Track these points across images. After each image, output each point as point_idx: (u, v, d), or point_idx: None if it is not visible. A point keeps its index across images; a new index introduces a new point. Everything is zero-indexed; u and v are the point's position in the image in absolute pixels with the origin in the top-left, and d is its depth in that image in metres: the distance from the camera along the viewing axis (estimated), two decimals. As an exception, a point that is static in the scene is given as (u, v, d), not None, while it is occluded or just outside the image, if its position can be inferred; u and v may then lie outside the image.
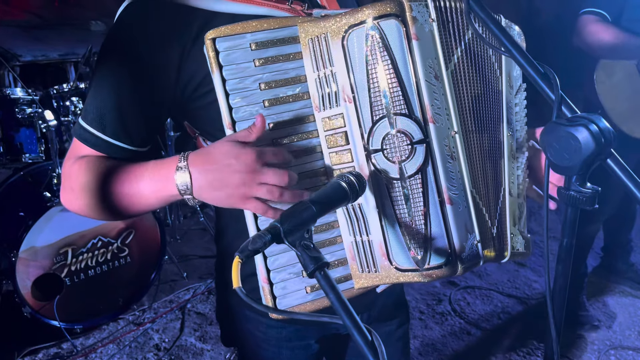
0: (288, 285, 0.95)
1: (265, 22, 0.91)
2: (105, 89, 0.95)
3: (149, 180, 0.91)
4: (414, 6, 0.87)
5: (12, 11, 5.23)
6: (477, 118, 0.97)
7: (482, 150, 0.98)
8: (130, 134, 0.96)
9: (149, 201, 0.93)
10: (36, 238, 2.43)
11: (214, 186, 0.86)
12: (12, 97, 2.63)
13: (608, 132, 0.67)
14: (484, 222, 0.98)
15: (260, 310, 0.72)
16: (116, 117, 0.95)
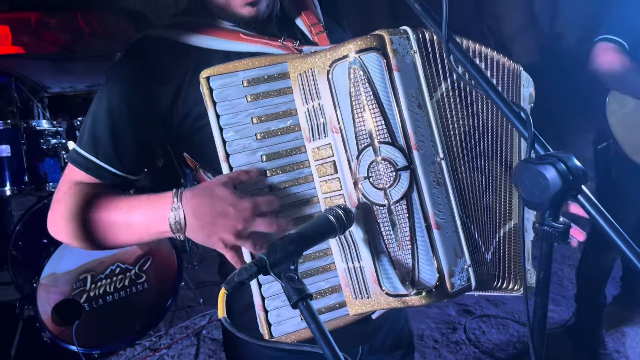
0: (282, 312, 0.97)
1: (257, 60, 0.96)
2: (101, 115, 1.00)
3: (142, 214, 0.94)
4: (394, 39, 0.92)
5: (44, 45, 5.47)
6: (467, 146, 0.99)
7: (475, 178, 1.00)
8: (122, 160, 1.00)
9: (139, 234, 0.96)
10: (57, 264, 2.51)
11: (205, 229, 0.89)
12: (37, 128, 2.75)
13: (577, 170, 0.69)
14: (477, 247, 0.99)
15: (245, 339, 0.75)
16: (109, 141, 0.99)
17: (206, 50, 1.02)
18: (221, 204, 0.88)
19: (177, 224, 0.91)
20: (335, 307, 0.99)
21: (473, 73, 0.80)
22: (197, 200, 0.90)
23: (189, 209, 0.90)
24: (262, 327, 0.97)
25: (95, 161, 1.00)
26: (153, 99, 1.00)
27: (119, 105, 1.00)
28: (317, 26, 1.11)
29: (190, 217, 0.90)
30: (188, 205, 0.90)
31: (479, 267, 0.98)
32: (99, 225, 0.97)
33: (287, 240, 0.78)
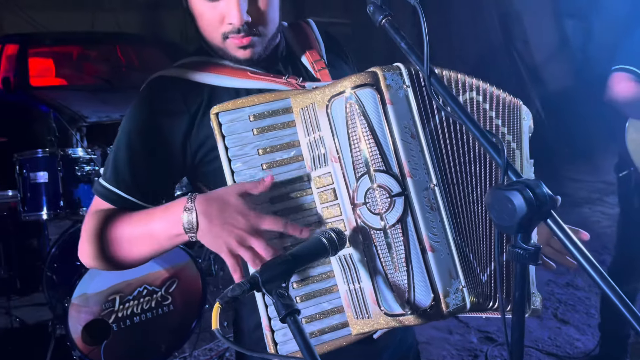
0: (288, 332, 1.01)
1: (262, 97, 1.04)
2: (121, 150, 1.10)
3: (160, 221, 1.02)
4: (387, 75, 0.99)
5: (84, 77, 5.75)
6: (462, 173, 1.04)
7: (470, 203, 1.04)
8: (141, 190, 1.10)
9: (159, 241, 1.02)
10: (88, 285, 2.62)
11: (213, 232, 0.96)
12: (73, 156, 2.90)
13: (543, 196, 0.73)
14: (472, 269, 1.03)
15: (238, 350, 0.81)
16: (129, 173, 1.09)
17: (217, 88, 1.11)
18: (232, 211, 0.95)
19: (189, 223, 0.97)
20: (338, 327, 1.04)
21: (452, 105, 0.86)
22: (210, 204, 0.97)
23: (201, 210, 0.97)
24: (269, 345, 1.02)
25: (116, 192, 1.09)
26: (168, 134, 1.10)
27: (137, 140, 1.10)
28: (320, 63, 1.19)
29: (202, 219, 0.96)
30: (201, 207, 0.97)
31: (473, 288, 1.02)
32: (119, 241, 1.05)
33: (279, 260, 0.85)
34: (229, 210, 0.96)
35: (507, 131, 1.16)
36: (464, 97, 1.09)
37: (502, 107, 1.15)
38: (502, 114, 1.15)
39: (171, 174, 1.14)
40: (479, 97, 1.11)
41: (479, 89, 1.11)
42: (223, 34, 1.08)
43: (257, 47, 1.10)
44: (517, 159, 1.17)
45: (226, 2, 1.05)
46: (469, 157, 1.06)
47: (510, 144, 1.16)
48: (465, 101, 1.09)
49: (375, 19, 0.95)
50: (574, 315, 3.19)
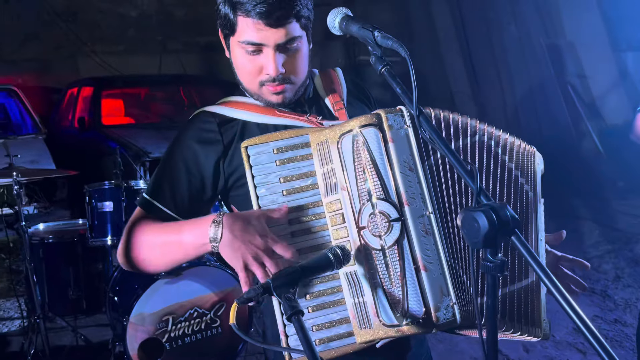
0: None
1: (285, 133, 1.22)
2: (164, 169, 1.32)
3: (189, 231, 1.20)
4: (389, 116, 1.14)
5: (150, 116, 6.22)
6: (455, 202, 1.17)
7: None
8: (176, 205, 1.29)
9: (187, 250, 1.20)
10: (145, 305, 2.84)
11: (234, 247, 1.12)
12: (135, 187, 3.20)
13: (505, 217, 0.85)
14: (464, 288, 1.14)
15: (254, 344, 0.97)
16: (167, 189, 1.29)
17: (248, 122, 1.32)
18: (253, 231, 1.12)
19: (214, 234, 1.14)
20: (344, 335, 1.18)
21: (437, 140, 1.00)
22: (236, 221, 1.14)
23: (227, 225, 1.13)
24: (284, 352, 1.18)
25: (156, 204, 1.29)
26: (204, 158, 1.30)
27: (178, 163, 1.31)
28: (339, 104, 1.38)
29: (226, 232, 1.13)
30: (227, 222, 1.14)
31: (465, 305, 1.13)
32: (153, 247, 1.24)
33: (290, 270, 1.01)
34: (250, 230, 1.12)
35: (521, 174, 1.27)
36: (473, 139, 1.22)
37: (516, 153, 1.27)
38: (515, 159, 1.27)
39: (205, 193, 1.33)
40: (491, 142, 1.24)
41: (491, 135, 1.24)
42: (260, 82, 1.29)
43: (287, 93, 1.30)
44: (531, 201, 1.28)
45: (265, 56, 1.26)
46: (462, 188, 1.18)
47: (524, 186, 1.28)
48: (475, 143, 1.22)
49: (376, 67, 1.12)
50: (619, 352, 3.12)
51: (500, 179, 1.22)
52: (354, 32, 1.15)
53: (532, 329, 1.23)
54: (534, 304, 1.24)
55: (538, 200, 1.28)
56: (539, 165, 1.33)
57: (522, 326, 1.20)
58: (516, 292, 1.20)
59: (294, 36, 1.25)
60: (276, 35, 1.22)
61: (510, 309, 1.19)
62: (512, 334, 1.20)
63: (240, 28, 1.25)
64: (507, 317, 1.19)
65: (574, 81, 7.72)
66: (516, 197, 1.24)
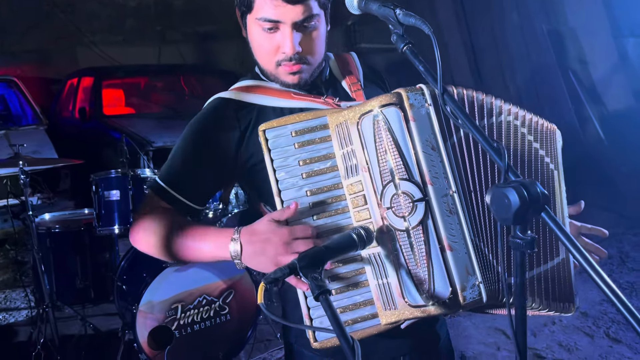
0: (324, 320, 1.17)
1: (303, 115, 1.20)
2: (178, 156, 1.31)
3: (210, 242, 1.21)
4: (410, 95, 1.13)
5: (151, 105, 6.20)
6: (480, 181, 1.16)
7: (487, 206, 1.15)
8: (195, 195, 1.29)
9: (204, 257, 1.23)
10: (154, 293, 2.84)
11: (257, 254, 1.14)
12: (142, 176, 3.19)
13: (536, 193, 0.85)
14: (490, 266, 1.14)
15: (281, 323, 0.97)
16: (182, 176, 1.29)
17: (264, 107, 1.31)
18: (265, 234, 1.13)
19: (235, 251, 1.16)
20: (369, 317, 1.18)
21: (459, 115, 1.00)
22: (249, 233, 1.16)
23: (244, 240, 1.16)
24: (308, 332, 1.17)
25: (172, 193, 1.29)
26: (222, 146, 1.29)
27: (193, 149, 1.30)
28: (356, 85, 1.37)
29: (245, 247, 1.16)
30: (243, 237, 1.16)
31: (491, 283, 1.13)
32: (174, 245, 1.24)
33: (315, 250, 1.00)
34: (262, 234, 1.14)
35: (545, 154, 1.27)
36: (499, 119, 1.21)
37: (540, 132, 1.26)
38: (539, 138, 1.26)
39: (222, 181, 1.33)
40: (517, 122, 1.23)
41: (517, 115, 1.23)
42: (277, 62, 1.28)
43: (304, 74, 1.29)
44: (556, 179, 1.28)
45: (281, 34, 1.24)
46: (486, 166, 1.18)
47: (549, 165, 1.28)
48: (501, 123, 1.21)
49: (398, 46, 1.11)
50: (626, 334, 3.14)
51: (528, 159, 1.21)
52: (374, 10, 1.14)
53: (565, 306, 1.23)
54: (565, 281, 1.24)
55: (561, 177, 1.28)
56: (559, 142, 1.33)
57: (556, 304, 1.20)
58: (549, 271, 1.20)
59: (311, 14, 1.23)
60: (293, 13, 1.21)
61: (545, 287, 1.19)
62: (547, 312, 1.20)
63: (257, 5, 1.24)
64: (541, 296, 1.18)
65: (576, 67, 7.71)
66: (543, 176, 1.24)
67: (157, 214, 1.27)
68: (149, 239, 1.26)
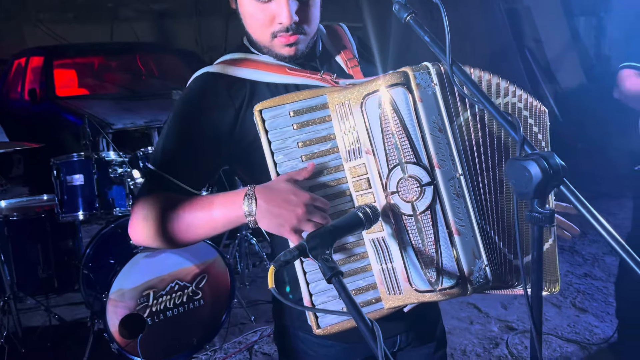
0: (327, 306, 1.14)
1: (301, 94, 1.14)
2: (171, 139, 1.22)
3: (220, 207, 1.13)
4: (417, 75, 1.08)
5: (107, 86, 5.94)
6: (485, 163, 1.13)
7: (492, 188, 1.14)
8: (184, 175, 1.19)
9: (216, 225, 1.14)
10: (124, 281, 2.75)
11: (273, 214, 1.06)
12: (106, 159, 3.05)
13: (556, 165, 0.83)
14: (495, 248, 1.13)
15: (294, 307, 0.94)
16: (176, 160, 1.20)
17: (257, 82, 1.23)
18: (286, 193, 1.06)
19: (249, 207, 1.07)
20: (372, 301, 1.15)
21: (473, 90, 0.97)
22: (267, 190, 1.08)
23: (261, 196, 1.08)
24: (310, 318, 1.14)
25: (164, 176, 1.20)
26: (214, 125, 1.21)
27: (186, 129, 1.22)
28: (353, 61, 1.31)
29: (261, 203, 1.07)
30: (259, 193, 1.08)
31: (496, 266, 1.12)
32: (182, 223, 1.15)
33: (323, 230, 0.96)
34: (283, 193, 1.06)
35: (542, 138, 1.26)
36: (505, 100, 1.18)
37: (537, 115, 1.25)
38: (537, 122, 1.25)
39: (215, 162, 1.25)
40: (520, 104, 1.20)
41: (520, 97, 1.20)
42: (272, 33, 1.19)
43: (300, 45, 1.22)
44: None
45: (277, 4, 1.16)
46: (493, 147, 1.15)
47: (545, 149, 1.26)
48: (507, 104, 1.18)
49: (400, 16, 1.06)
50: (592, 304, 3.27)
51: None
52: None
53: (552, 285, 1.25)
54: (553, 262, 1.25)
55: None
56: (548, 124, 1.33)
57: (546, 284, 1.21)
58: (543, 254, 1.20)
59: None
60: None
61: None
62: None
63: None
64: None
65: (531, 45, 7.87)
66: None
67: (155, 200, 1.18)
68: (149, 228, 1.16)
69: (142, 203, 1.19)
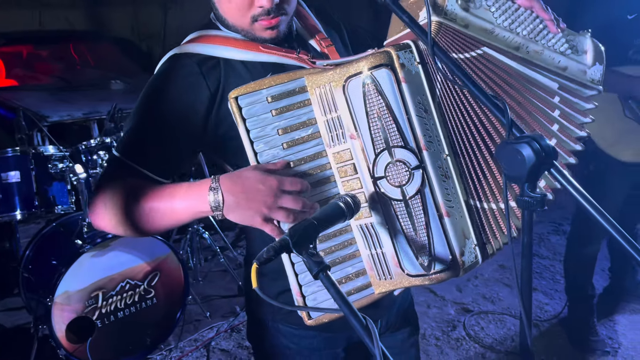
0: (318, 296, 1.10)
1: (277, 77, 1.08)
2: (139, 125, 1.13)
3: (183, 199, 1.05)
4: (400, 54, 1.04)
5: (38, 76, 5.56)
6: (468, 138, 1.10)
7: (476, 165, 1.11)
8: (152, 163, 1.11)
9: (179, 217, 1.06)
10: (70, 283, 2.59)
11: (241, 206, 1.00)
12: (45, 154, 2.84)
13: (548, 148, 0.81)
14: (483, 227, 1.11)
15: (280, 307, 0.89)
16: (142, 146, 1.12)
17: (230, 61, 1.15)
18: (251, 182, 1.00)
19: (215, 202, 1.01)
20: (362, 287, 1.12)
21: (457, 72, 0.94)
22: (232, 182, 1.01)
23: (226, 189, 1.01)
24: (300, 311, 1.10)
25: (131, 164, 1.11)
26: (186, 107, 1.12)
27: (155, 113, 1.12)
28: (326, 40, 1.25)
29: (227, 196, 1.00)
30: (225, 185, 1.01)
31: (483, 243, 1.11)
32: (142, 213, 1.06)
33: (305, 224, 0.91)
34: (249, 182, 1.00)
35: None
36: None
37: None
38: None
39: (188, 149, 1.16)
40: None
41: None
42: (253, 17, 1.12)
43: (282, 26, 1.15)
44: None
45: None
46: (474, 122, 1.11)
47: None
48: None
49: None
50: (540, 282, 3.40)
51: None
52: None
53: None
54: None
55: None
56: None
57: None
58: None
59: None
60: None
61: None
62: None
63: None
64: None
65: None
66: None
67: (118, 187, 1.09)
68: (111, 215, 1.08)
69: (104, 190, 1.10)
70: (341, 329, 1.20)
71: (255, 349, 1.37)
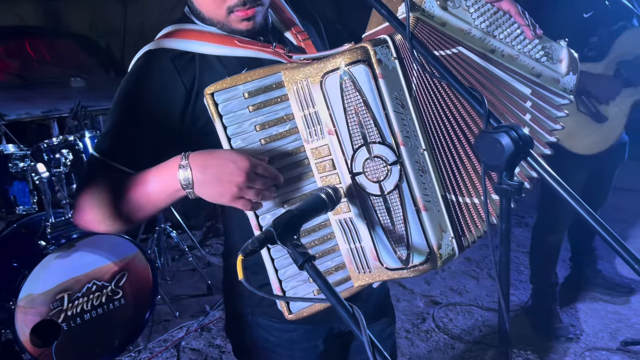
0: (298, 291, 1.10)
1: (254, 73, 1.07)
2: (116, 123, 1.11)
3: (155, 181, 1.04)
4: (377, 50, 1.05)
5: (-7, 73, 5.36)
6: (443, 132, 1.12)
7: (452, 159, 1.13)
8: (138, 163, 1.09)
9: (157, 201, 1.05)
10: (33, 286, 2.52)
11: (212, 183, 0.99)
12: (4, 153, 2.75)
13: (525, 137, 0.84)
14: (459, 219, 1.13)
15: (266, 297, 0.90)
16: (122, 145, 1.10)
17: (205, 56, 1.14)
18: (223, 160, 1.00)
19: (185, 179, 1.00)
20: (342, 281, 1.13)
21: (436, 65, 0.96)
22: (203, 158, 1.01)
23: (196, 165, 1.00)
24: (281, 304, 1.10)
25: (108, 162, 1.09)
26: (162, 104, 1.11)
27: (131, 111, 1.11)
28: (303, 34, 1.25)
29: (197, 173, 1.00)
30: (194, 162, 1.00)
31: (459, 236, 1.13)
32: (125, 204, 1.06)
33: (288, 215, 0.91)
34: (220, 159, 1.00)
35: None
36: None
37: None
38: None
39: (166, 146, 1.14)
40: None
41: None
42: (228, 8, 1.11)
43: (258, 17, 1.14)
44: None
45: None
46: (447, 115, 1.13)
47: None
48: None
49: None
50: (505, 274, 3.48)
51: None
52: None
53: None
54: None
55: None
56: None
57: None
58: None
59: None
60: None
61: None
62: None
63: None
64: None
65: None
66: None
67: (101, 184, 1.08)
68: (97, 211, 1.07)
69: (87, 190, 1.09)
70: (322, 320, 1.20)
71: (234, 343, 1.37)
